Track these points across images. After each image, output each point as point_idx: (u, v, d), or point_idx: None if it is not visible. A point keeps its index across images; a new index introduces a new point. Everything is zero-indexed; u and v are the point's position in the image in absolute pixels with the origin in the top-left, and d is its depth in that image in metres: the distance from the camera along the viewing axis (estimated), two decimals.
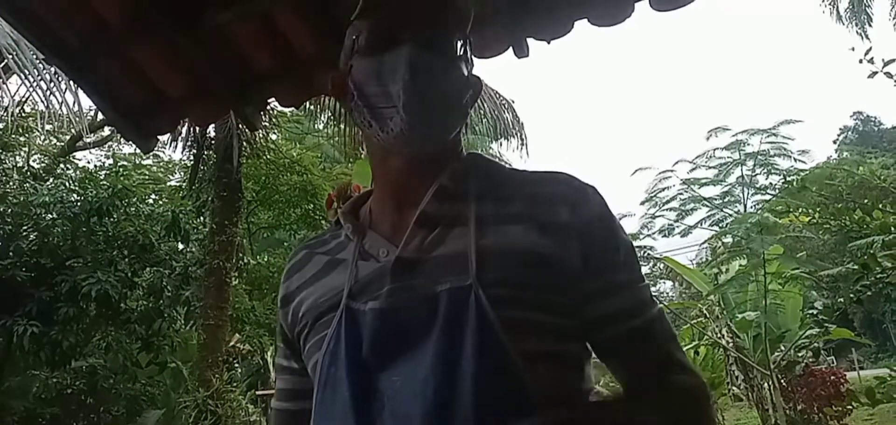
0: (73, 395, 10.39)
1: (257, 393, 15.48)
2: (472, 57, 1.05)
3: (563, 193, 0.96)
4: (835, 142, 47.06)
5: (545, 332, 0.89)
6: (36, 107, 10.99)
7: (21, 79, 7.30)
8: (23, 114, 11.90)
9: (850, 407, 9.33)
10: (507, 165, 1.13)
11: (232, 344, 9.50)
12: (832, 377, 9.69)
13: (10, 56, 6.68)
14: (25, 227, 9.51)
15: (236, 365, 12.34)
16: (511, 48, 1.86)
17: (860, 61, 4.54)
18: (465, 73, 1.00)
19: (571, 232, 0.92)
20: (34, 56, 6.58)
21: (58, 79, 7.11)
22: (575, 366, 0.94)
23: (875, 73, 4.52)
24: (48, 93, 7.33)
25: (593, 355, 0.99)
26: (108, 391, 10.58)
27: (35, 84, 7.22)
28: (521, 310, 0.87)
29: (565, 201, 0.94)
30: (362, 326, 0.91)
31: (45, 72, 7.04)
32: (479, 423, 0.81)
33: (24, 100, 9.15)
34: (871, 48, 4.58)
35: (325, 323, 0.96)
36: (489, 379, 0.83)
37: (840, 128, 49.35)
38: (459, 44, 1.01)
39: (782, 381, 9.17)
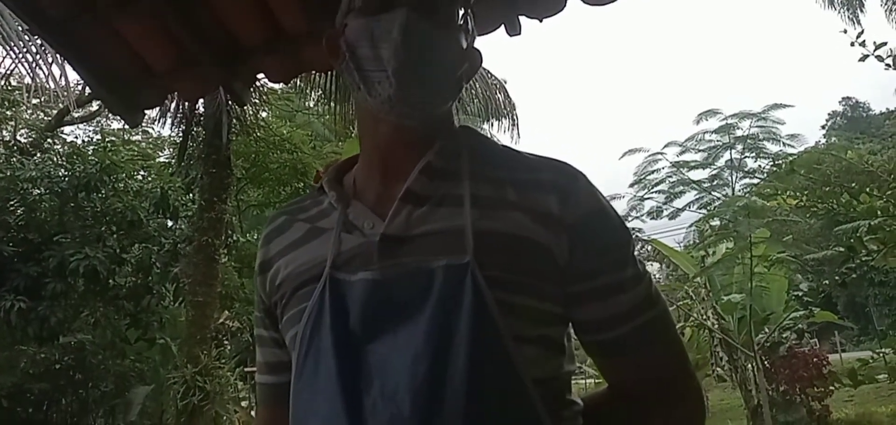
0: (61, 371, 10.35)
1: (246, 369, 15.49)
2: (474, 29, 1.02)
3: (557, 183, 0.93)
4: (823, 127, 47.36)
5: (535, 317, 0.89)
6: (22, 81, 10.88)
7: (6, 50, 7.20)
8: (9, 88, 11.78)
9: (831, 388, 9.48)
10: (500, 144, 1.09)
11: (221, 321, 9.52)
12: (815, 359, 9.84)
13: None
14: (12, 202, 9.44)
15: (225, 341, 12.35)
16: (503, 25, 1.85)
17: (852, 44, 4.55)
18: (463, 45, 0.98)
19: (562, 224, 0.90)
20: (19, 26, 6.48)
21: (44, 51, 7.02)
22: (560, 350, 0.94)
23: (866, 56, 4.53)
24: (34, 65, 7.24)
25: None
26: (96, 367, 10.55)
27: (20, 56, 7.12)
28: (513, 293, 0.87)
29: (557, 191, 0.92)
30: (349, 297, 0.89)
31: (30, 43, 6.95)
32: (469, 401, 0.81)
33: (8, 72, 9.05)
34: (863, 31, 4.59)
35: (306, 294, 0.93)
36: (482, 358, 0.83)
37: (829, 114, 49.67)
38: (460, 13, 0.98)
39: (765, 362, 9.29)
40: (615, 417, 0.99)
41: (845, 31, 4.65)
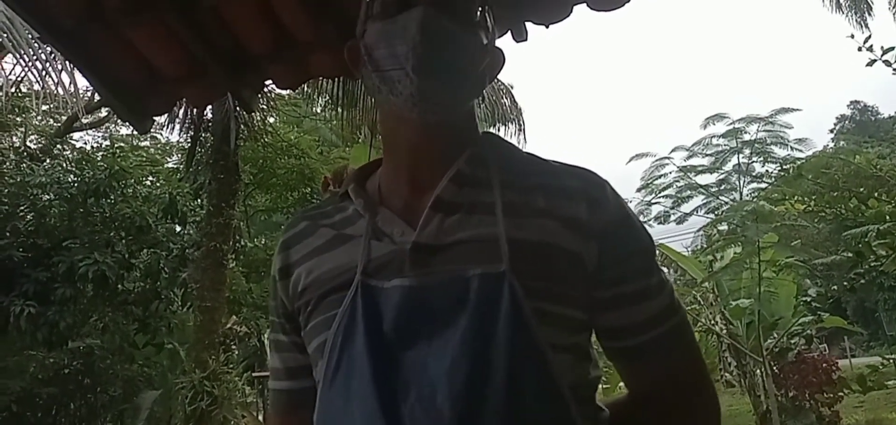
0: (69, 376, 10.41)
1: (254, 374, 15.53)
2: (494, 28, 1.02)
3: (586, 190, 0.95)
4: (832, 131, 47.10)
5: (566, 324, 0.90)
6: (32, 88, 10.95)
7: (16, 58, 7.26)
8: (19, 94, 11.87)
9: (841, 394, 9.40)
10: (523, 151, 1.09)
11: (229, 326, 9.53)
12: (824, 364, 9.76)
13: (5, 35, 6.64)
14: (22, 208, 9.49)
15: (233, 346, 12.37)
16: (509, 32, 1.86)
17: (859, 49, 4.53)
18: (483, 42, 0.98)
19: (592, 231, 0.92)
20: (29, 35, 6.53)
21: (54, 58, 7.07)
22: (587, 356, 0.95)
23: (874, 60, 4.52)
24: (44, 73, 7.29)
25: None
26: (104, 371, 10.60)
27: (31, 63, 7.18)
28: (548, 301, 0.88)
29: (586, 198, 0.94)
30: (383, 303, 0.89)
31: (40, 51, 7.00)
32: (509, 409, 0.81)
33: (19, 79, 9.11)
34: (870, 36, 4.57)
35: (335, 301, 0.93)
36: (521, 366, 0.84)
37: (837, 118, 49.43)
38: (478, 11, 0.98)
39: (774, 368, 9.23)
40: (638, 417, 1.00)
41: (853, 36, 4.64)
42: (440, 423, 0.81)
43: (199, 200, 10.67)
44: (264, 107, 10.11)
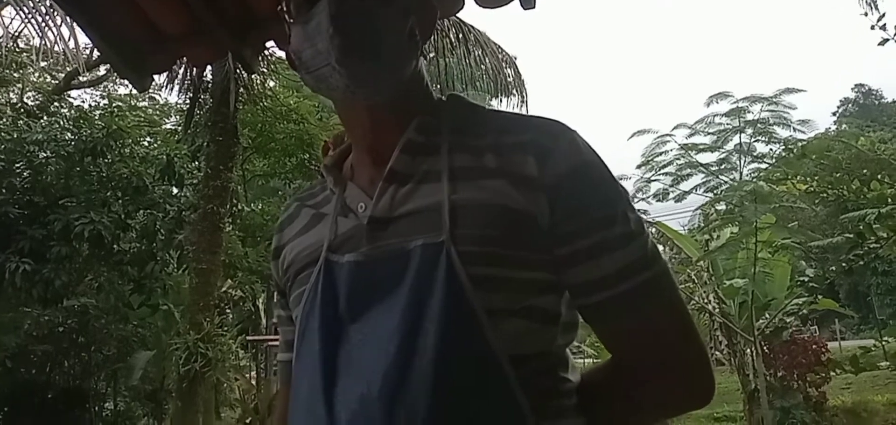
0: (64, 334, 10.45)
1: (248, 338, 15.62)
2: None
3: (537, 142, 0.90)
4: (835, 113, 47.03)
5: (518, 288, 0.87)
6: (30, 43, 10.83)
7: (16, 10, 7.17)
8: (17, 50, 11.74)
9: (831, 374, 9.51)
10: (487, 108, 1.07)
11: (224, 289, 9.57)
12: (814, 346, 9.86)
13: None
14: (19, 164, 9.45)
15: (228, 310, 12.44)
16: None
17: (872, 28, 4.48)
18: (404, 2, 0.95)
19: (541, 185, 0.88)
20: None
21: (53, 13, 6.98)
22: (550, 320, 0.91)
23: (886, 40, 4.47)
24: (44, 26, 7.20)
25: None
26: (99, 330, 10.65)
27: (30, 16, 7.09)
28: (493, 266, 0.85)
29: (535, 151, 0.89)
30: (339, 279, 0.91)
31: (40, 4, 6.91)
32: (437, 379, 0.80)
33: (17, 33, 9.01)
34: (884, 14, 4.51)
35: (306, 277, 0.96)
36: (452, 336, 0.82)
37: (841, 100, 49.28)
38: None
39: (765, 348, 9.31)
40: (611, 386, 0.96)
41: (866, 14, 4.59)
42: (369, 397, 0.81)
43: (196, 162, 10.63)
44: (264, 70, 10.03)
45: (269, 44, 2.16)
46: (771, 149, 7.81)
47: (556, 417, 0.88)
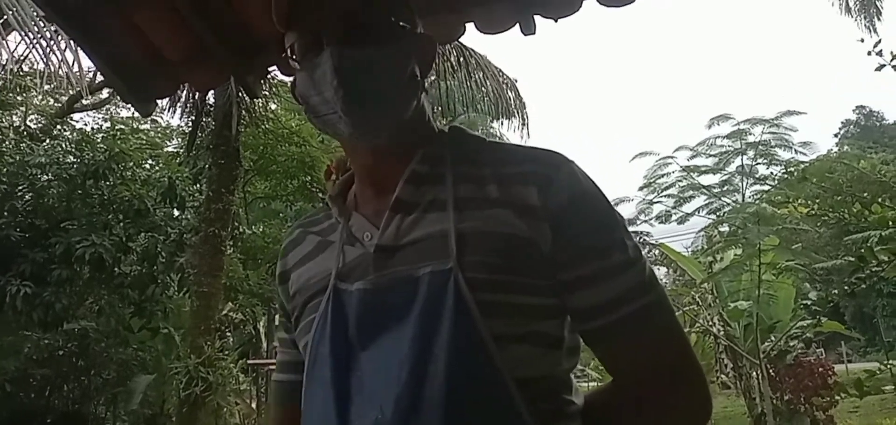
0: (64, 357, 10.40)
1: (249, 362, 15.53)
2: (414, 17, 1.02)
3: (538, 173, 0.94)
4: (836, 135, 47.07)
5: (524, 313, 0.89)
6: (34, 67, 10.89)
7: (21, 35, 7.21)
8: (21, 74, 11.81)
9: (836, 398, 9.43)
10: (489, 139, 1.09)
11: (225, 312, 9.52)
12: (820, 369, 9.78)
13: (11, 11, 6.59)
14: (21, 187, 9.46)
15: (228, 333, 12.38)
16: (518, 25, 1.83)
17: (869, 53, 4.53)
18: (405, 46, 0.98)
19: (544, 214, 0.91)
20: (34, 12, 6.49)
21: (58, 37, 7.03)
22: (554, 344, 0.93)
23: (883, 65, 4.51)
24: (48, 51, 7.24)
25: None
26: (99, 354, 10.59)
27: (35, 41, 7.14)
28: (500, 292, 0.88)
29: (537, 181, 0.93)
30: (348, 307, 0.93)
31: (45, 29, 6.96)
32: (448, 404, 0.83)
33: (22, 57, 9.06)
34: (880, 40, 4.56)
35: (315, 305, 0.98)
36: (462, 361, 0.84)
37: (842, 122, 49.32)
38: (390, 16, 0.98)
39: (770, 371, 9.25)
40: (613, 408, 0.98)
41: (863, 40, 4.63)
42: (383, 420, 0.84)
43: (198, 185, 10.64)
44: (266, 93, 10.07)
45: (272, 68, 2.15)
46: (773, 171, 7.84)
47: None
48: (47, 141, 11.52)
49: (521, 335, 0.89)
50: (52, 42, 7.14)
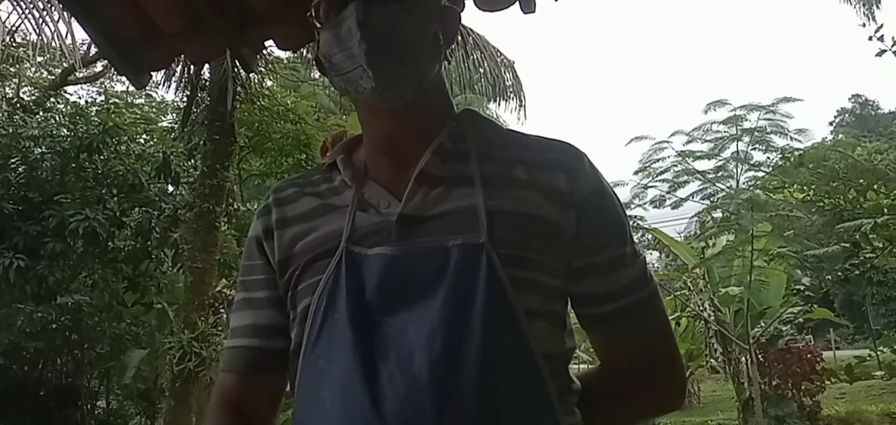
0: (57, 331, 10.37)
1: None
2: None
3: (565, 162, 0.99)
4: (831, 123, 47.10)
5: (545, 292, 0.94)
6: (27, 38, 10.78)
7: (12, 4, 7.13)
8: (14, 45, 11.69)
9: (825, 384, 9.53)
10: (504, 126, 1.15)
11: (219, 289, 9.50)
12: (809, 355, 9.89)
13: None
14: (14, 160, 9.39)
15: (222, 309, 12.37)
16: (518, 3, 1.83)
17: (870, 38, 4.54)
18: (429, 9, 0.99)
19: (570, 200, 0.96)
20: None
21: (51, 7, 6.95)
22: (563, 325, 0.98)
23: (884, 51, 4.52)
24: (41, 21, 7.16)
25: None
26: (92, 328, 10.56)
27: (27, 11, 7.06)
28: (526, 269, 0.91)
29: (565, 169, 0.97)
30: (365, 271, 0.92)
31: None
32: (484, 373, 0.85)
33: (15, 28, 8.96)
34: (882, 25, 4.57)
35: (320, 267, 0.96)
36: (497, 333, 0.87)
37: (838, 110, 49.35)
38: None
39: (759, 357, 9.33)
40: (605, 389, 1.03)
41: (864, 25, 4.63)
42: (418, 386, 0.84)
43: (193, 161, 10.58)
44: (262, 69, 10.02)
45: (268, 43, 2.14)
46: (768, 158, 7.86)
47: (569, 414, 0.95)
48: (41, 113, 11.41)
49: (543, 313, 0.93)
50: (44, 12, 7.06)
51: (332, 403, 0.90)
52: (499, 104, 11.07)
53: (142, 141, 11.95)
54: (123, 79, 2.30)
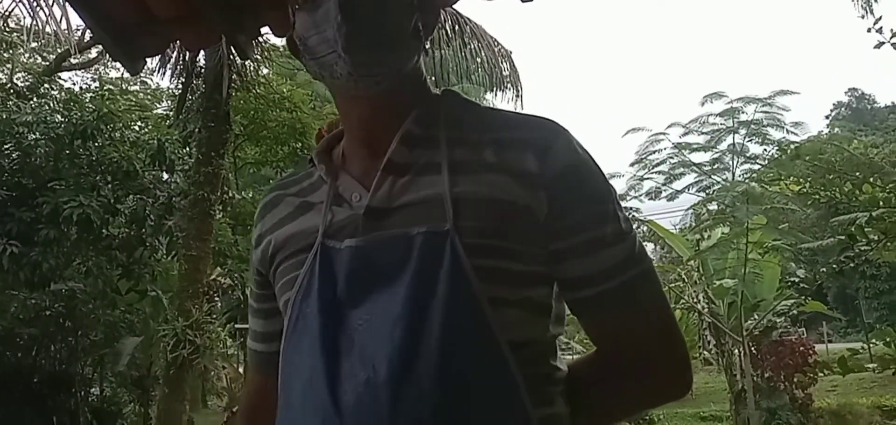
0: (51, 317, 10.35)
1: (236, 326, 15.56)
2: None
3: (535, 140, 0.94)
4: (827, 117, 47.24)
5: (516, 280, 0.90)
6: (21, 22, 10.70)
7: None
8: (7, 30, 11.61)
9: (818, 376, 9.60)
10: (482, 105, 1.10)
11: (213, 276, 9.49)
12: (801, 348, 9.94)
13: None
14: (7, 146, 9.35)
15: (216, 298, 12.35)
16: None
17: (869, 31, 4.55)
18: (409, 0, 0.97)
19: (540, 181, 0.91)
20: None
21: None
22: (544, 311, 0.95)
23: (882, 43, 4.52)
24: (35, 6, 7.11)
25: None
26: (86, 315, 10.54)
27: None
28: (495, 258, 0.88)
29: (534, 148, 0.92)
30: (337, 264, 0.92)
31: None
32: (443, 363, 0.83)
33: (8, 12, 8.90)
34: (881, 17, 4.57)
35: (298, 262, 0.97)
36: (457, 322, 0.85)
37: (834, 104, 49.48)
38: None
39: (752, 349, 9.38)
40: (596, 377, 0.99)
41: (863, 17, 4.64)
42: (376, 379, 0.83)
43: (188, 148, 10.55)
44: (258, 57, 9.97)
45: (264, 30, 2.13)
46: (764, 150, 7.87)
47: (547, 404, 0.91)
48: (35, 99, 11.36)
49: (514, 300, 0.89)
50: None
51: (298, 396, 0.92)
52: (496, 94, 11.05)
53: (136, 128, 11.92)
54: (118, 65, 2.29)
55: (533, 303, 0.92)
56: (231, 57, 8.28)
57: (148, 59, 2.22)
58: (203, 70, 9.12)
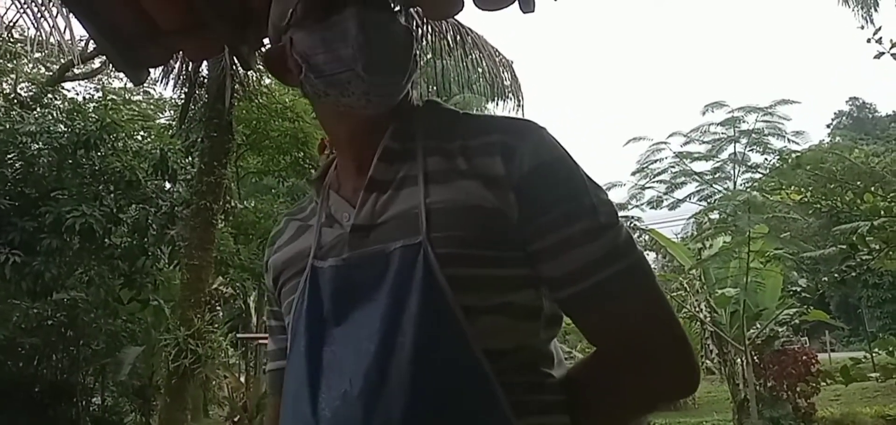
0: (53, 327, 10.36)
1: (238, 335, 15.55)
2: (410, 7, 1.10)
3: (503, 142, 0.92)
4: (829, 126, 47.21)
5: (494, 286, 0.88)
6: (24, 33, 10.75)
7: (11, 0, 7.12)
8: (11, 40, 11.67)
9: (820, 385, 9.55)
10: (459, 111, 1.08)
11: (215, 286, 9.51)
12: (804, 357, 9.89)
13: None
14: (11, 155, 9.36)
15: (218, 307, 12.35)
16: (517, 2, 1.83)
17: (868, 41, 4.55)
18: (407, 21, 1.03)
19: (509, 183, 0.89)
20: None
21: (49, 3, 6.93)
22: (530, 315, 0.92)
23: (882, 53, 4.53)
24: (39, 16, 7.15)
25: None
26: (88, 325, 10.56)
27: (25, 6, 7.04)
28: (469, 266, 0.87)
29: (502, 151, 0.91)
30: (323, 284, 0.95)
31: None
32: (415, 376, 0.83)
33: (12, 23, 8.94)
34: (880, 27, 4.59)
35: (294, 285, 1.00)
36: (430, 334, 0.84)
37: (835, 113, 49.46)
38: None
39: (755, 358, 9.35)
40: (592, 378, 0.96)
41: (862, 27, 4.65)
42: (350, 396, 0.84)
43: (190, 158, 10.58)
44: (260, 67, 9.99)
45: (266, 40, 2.14)
46: (765, 159, 7.88)
47: (539, 413, 0.88)
48: (38, 109, 11.39)
49: (493, 307, 0.87)
50: (43, 7, 7.04)
51: (289, 413, 0.95)
52: (497, 104, 11.07)
53: (139, 137, 11.92)
54: (121, 75, 2.30)
55: (516, 307, 0.90)
56: (234, 67, 8.32)
57: (151, 70, 2.23)
58: (206, 80, 9.16)
